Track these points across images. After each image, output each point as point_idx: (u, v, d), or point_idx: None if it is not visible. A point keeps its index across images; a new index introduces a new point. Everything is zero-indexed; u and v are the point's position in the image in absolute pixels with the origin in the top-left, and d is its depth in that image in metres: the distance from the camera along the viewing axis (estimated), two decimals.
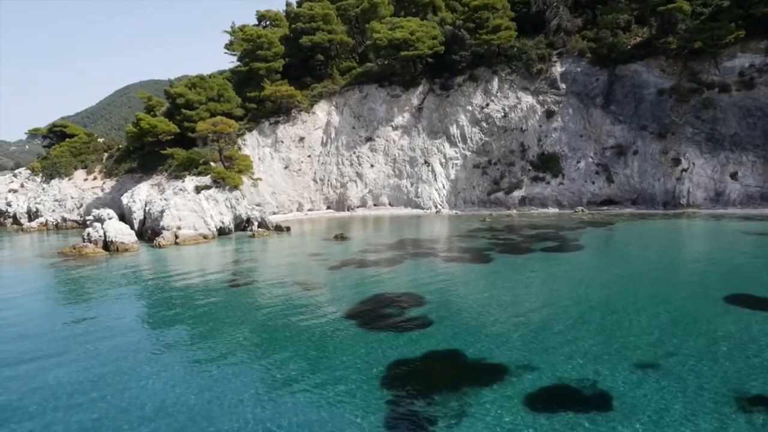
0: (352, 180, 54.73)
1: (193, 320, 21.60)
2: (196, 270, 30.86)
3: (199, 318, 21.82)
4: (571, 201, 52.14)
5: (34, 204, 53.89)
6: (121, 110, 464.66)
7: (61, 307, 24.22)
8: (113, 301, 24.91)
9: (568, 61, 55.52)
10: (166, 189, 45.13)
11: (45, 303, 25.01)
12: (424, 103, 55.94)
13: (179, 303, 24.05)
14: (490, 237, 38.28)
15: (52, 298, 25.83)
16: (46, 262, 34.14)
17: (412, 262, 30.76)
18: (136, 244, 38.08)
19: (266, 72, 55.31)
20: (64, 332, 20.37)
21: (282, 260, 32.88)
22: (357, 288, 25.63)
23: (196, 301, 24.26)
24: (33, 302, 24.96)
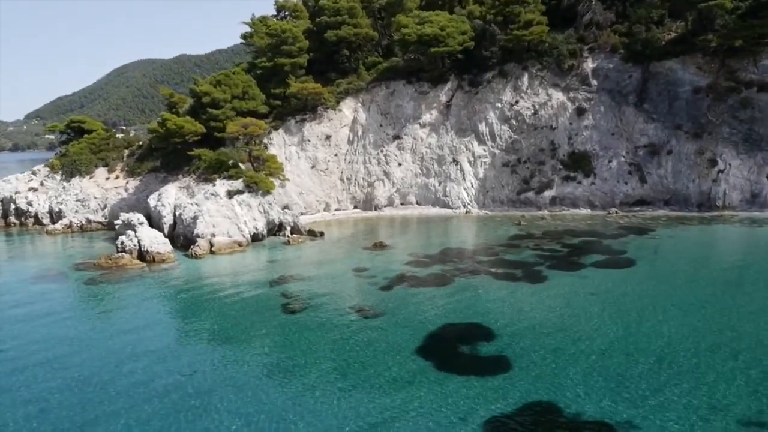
0: (379, 179, 53.78)
1: (268, 359, 20.91)
2: (244, 289, 30.11)
3: (272, 356, 21.13)
4: (603, 201, 51.34)
5: (55, 204, 52.84)
6: (118, 90, 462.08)
7: (124, 341, 23.49)
8: (175, 333, 24.20)
9: (599, 57, 54.19)
10: (195, 192, 44.19)
11: (102, 333, 24.28)
12: (452, 100, 54.71)
13: (244, 338, 23.32)
14: (534, 247, 37.57)
15: (109, 329, 25.07)
16: (85, 276, 33.34)
17: (465, 282, 30.06)
18: (172, 254, 37.30)
19: (291, 68, 53.92)
20: (131, 378, 19.72)
21: (327, 276, 32.12)
22: (418, 316, 24.99)
23: (261, 335, 23.56)
24: (90, 334, 24.24)
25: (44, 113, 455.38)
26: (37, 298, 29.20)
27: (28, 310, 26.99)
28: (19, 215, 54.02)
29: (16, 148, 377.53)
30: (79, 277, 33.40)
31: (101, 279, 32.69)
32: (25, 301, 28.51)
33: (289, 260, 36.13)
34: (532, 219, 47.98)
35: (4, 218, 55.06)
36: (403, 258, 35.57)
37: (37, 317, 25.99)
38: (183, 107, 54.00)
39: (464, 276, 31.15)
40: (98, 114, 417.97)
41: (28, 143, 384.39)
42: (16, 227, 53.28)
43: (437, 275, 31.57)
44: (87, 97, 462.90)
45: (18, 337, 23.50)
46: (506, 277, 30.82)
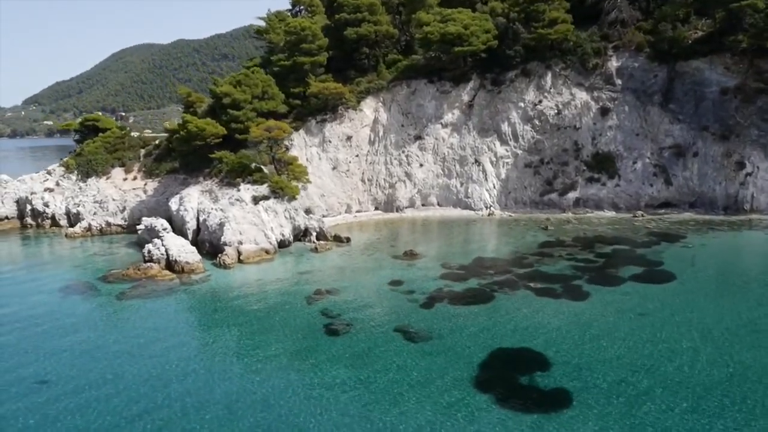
0: (401, 180, 53.13)
1: (319, 390, 20.44)
2: (282, 306, 29.64)
3: (324, 385, 20.62)
4: (627, 203, 50.84)
5: (73, 205, 52.11)
6: (117, 75, 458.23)
7: (167, 367, 23.01)
8: (220, 358, 23.66)
9: (624, 56, 53.32)
10: (219, 197, 43.49)
11: (144, 359, 23.81)
12: (474, 100, 53.85)
13: (292, 365, 22.83)
14: (567, 257, 37.12)
15: (149, 353, 24.58)
16: (116, 289, 32.79)
17: (505, 298, 29.63)
18: (201, 264, 36.72)
19: (310, 66, 52.94)
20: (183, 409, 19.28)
21: (363, 291, 31.63)
22: (467, 340, 24.56)
23: (312, 362, 23.04)
24: (132, 361, 23.76)
25: (42, 99, 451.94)
26: (71, 317, 28.57)
27: (67, 338, 26.28)
28: (35, 216, 53.33)
29: (15, 135, 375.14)
30: (110, 290, 32.83)
31: (133, 293, 32.14)
32: (62, 323, 27.73)
33: (320, 271, 35.59)
34: (557, 223, 47.46)
35: (20, 219, 54.42)
36: (437, 269, 35.08)
37: (76, 343, 25.40)
38: (201, 107, 53.05)
39: (503, 291, 30.69)
40: (97, 100, 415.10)
41: (26, 129, 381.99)
42: (33, 229, 52.64)
43: (476, 290, 31.10)
44: (85, 82, 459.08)
45: (61, 369, 22.93)
46: (546, 292, 30.36)
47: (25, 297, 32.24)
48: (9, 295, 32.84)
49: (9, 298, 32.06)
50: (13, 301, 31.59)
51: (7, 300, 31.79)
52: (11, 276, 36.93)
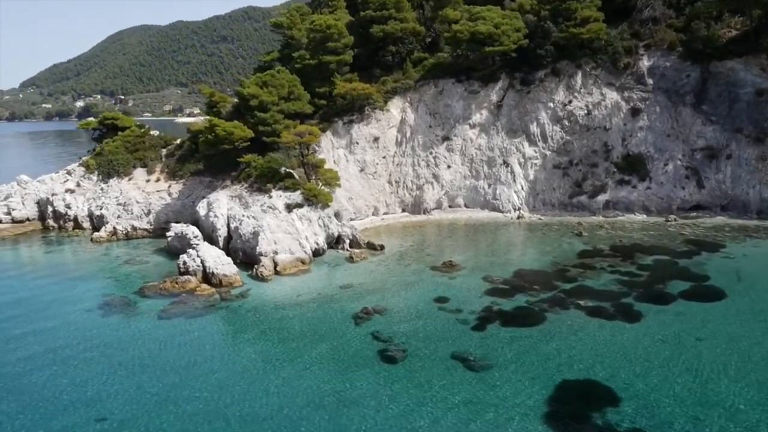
0: (428, 182, 52.39)
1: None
2: (330, 326, 29.21)
3: (395, 424, 20.24)
4: (659, 207, 50.22)
5: (95, 207, 51.32)
6: (115, 58, 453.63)
7: (224, 403, 22.55)
8: (275, 389, 23.12)
9: (656, 55, 52.29)
10: (250, 203, 42.77)
11: (197, 391, 23.33)
12: (503, 100, 52.89)
13: (356, 398, 22.31)
14: (609, 268, 36.62)
15: (201, 386, 24.10)
16: (155, 306, 32.24)
17: (557, 320, 29.16)
18: (238, 276, 36.18)
19: (336, 65, 51.85)
20: None
21: (410, 309, 31.10)
22: (528, 369, 24.14)
23: (373, 395, 22.54)
24: (184, 393, 23.29)
25: (40, 81, 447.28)
26: (115, 340, 28.00)
27: (116, 366, 25.87)
28: (57, 218, 52.61)
29: (13, 118, 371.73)
30: (149, 307, 32.29)
31: (174, 310, 31.61)
32: (107, 348, 27.16)
33: (360, 285, 35.00)
34: (590, 228, 46.83)
35: (41, 220, 53.73)
36: (480, 284, 34.58)
37: (126, 374, 24.89)
38: (225, 107, 51.99)
39: (553, 311, 30.21)
40: (95, 83, 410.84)
41: (25, 112, 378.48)
42: (55, 231, 51.96)
43: (525, 309, 30.64)
44: (83, 65, 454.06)
45: (117, 405, 22.49)
46: (598, 312, 29.88)
47: (65, 315, 31.69)
48: (47, 312, 32.30)
49: (48, 317, 31.50)
50: (53, 319, 31.04)
51: (47, 318, 31.27)
52: (45, 288, 36.34)
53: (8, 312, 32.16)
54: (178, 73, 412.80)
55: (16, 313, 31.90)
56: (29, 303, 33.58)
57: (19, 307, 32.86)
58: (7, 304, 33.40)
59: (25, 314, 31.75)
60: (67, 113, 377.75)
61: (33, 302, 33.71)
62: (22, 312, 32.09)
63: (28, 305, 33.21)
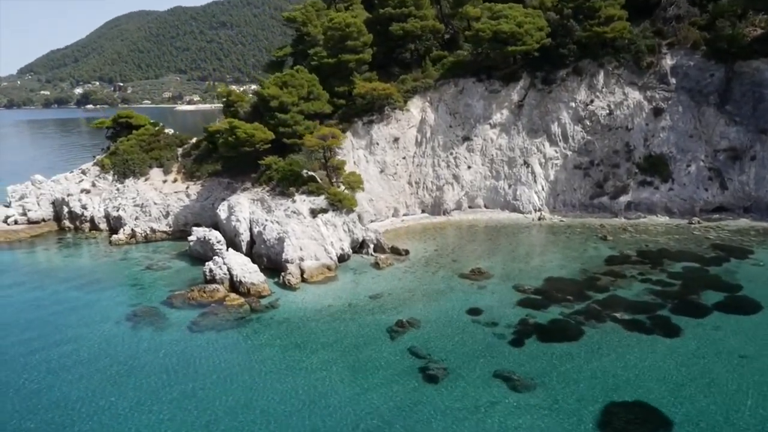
0: (448, 183, 51.88)
1: None
2: (365, 339, 28.95)
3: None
4: (681, 208, 49.80)
5: (112, 208, 50.77)
6: (113, 44, 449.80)
7: None
8: (319, 412, 22.85)
9: (679, 54, 51.56)
10: (272, 207, 42.29)
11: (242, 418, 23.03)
12: (525, 100, 52.21)
13: (405, 425, 22.04)
14: (639, 277, 36.32)
15: (243, 410, 23.79)
16: (185, 317, 31.90)
17: (595, 334, 28.88)
18: (265, 284, 35.80)
19: (356, 64, 51.07)
20: None
21: (444, 322, 30.74)
22: (573, 390, 23.92)
23: (421, 420, 22.27)
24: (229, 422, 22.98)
25: (38, 68, 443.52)
26: (149, 357, 27.63)
27: (154, 387, 25.58)
28: (73, 219, 52.10)
29: (12, 105, 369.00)
30: (179, 319, 31.93)
31: (205, 323, 31.23)
32: (142, 366, 26.76)
33: (390, 295, 34.63)
34: (614, 231, 46.47)
35: (56, 221, 53.19)
36: (511, 293, 34.27)
37: (166, 396, 24.58)
38: (243, 107, 51.18)
39: (590, 324, 29.93)
40: (93, 69, 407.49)
41: (23, 99, 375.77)
42: (71, 232, 51.45)
43: (561, 323, 30.36)
44: (81, 51, 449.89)
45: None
46: (635, 326, 29.60)
47: (93, 327, 31.33)
48: (74, 323, 31.92)
49: (76, 329, 31.15)
50: (82, 332, 30.69)
51: (75, 330, 30.93)
52: (70, 298, 35.91)
53: (35, 325, 31.77)
54: (177, 60, 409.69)
55: (42, 327, 31.51)
56: (55, 315, 33.09)
57: (45, 320, 32.42)
58: (33, 317, 32.93)
59: (52, 328, 31.34)
60: (66, 100, 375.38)
61: (59, 314, 33.22)
62: (48, 325, 31.68)
63: (55, 317, 32.75)
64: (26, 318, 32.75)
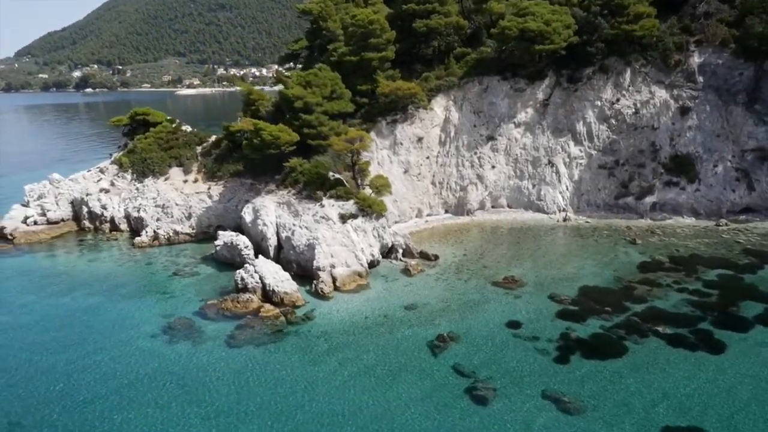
0: (472, 183, 51.34)
1: None
2: (403, 357, 28.66)
3: None
4: (707, 209, 49.41)
5: (132, 208, 50.18)
6: (111, 26, 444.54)
7: None
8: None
9: (707, 52, 50.75)
10: (299, 212, 41.76)
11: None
12: (550, 98, 51.45)
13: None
14: (674, 285, 36.07)
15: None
16: (221, 330, 31.55)
17: (639, 350, 28.66)
18: (298, 293, 35.45)
19: (378, 63, 50.18)
20: None
21: (484, 336, 30.46)
22: (625, 412, 23.80)
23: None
24: None
25: (35, 50, 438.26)
26: (189, 378, 27.18)
27: (203, 413, 25.33)
28: (93, 219, 51.52)
29: (10, 88, 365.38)
30: (215, 332, 31.57)
31: (242, 336, 30.88)
32: (187, 391, 26.38)
33: (425, 305, 34.27)
34: (641, 233, 46.08)
35: (75, 221, 52.61)
36: (547, 304, 33.99)
37: (219, 423, 24.35)
38: (264, 105, 50.32)
39: (633, 339, 29.66)
40: (92, 52, 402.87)
41: (21, 83, 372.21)
42: (91, 232, 50.90)
43: (603, 337, 30.10)
44: (78, 33, 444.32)
45: None
46: (678, 341, 29.36)
47: (130, 341, 30.96)
48: (109, 337, 31.53)
49: (112, 343, 30.73)
50: (119, 347, 30.31)
51: (111, 346, 30.52)
52: (100, 307, 35.55)
53: (69, 339, 31.33)
54: (175, 43, 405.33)
55: (77, 342, 31.04)
56: (89, 328, 32.70)
57: (78, 333, 31.97)
58: (66, 329, 32.50)
59: (87, 343, 30.92)
60: (65, 84, 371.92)
61: (92, 326, 32.84)
62: (83, 340, 31.24)
63: (89, 331, 32.34)
64: (59, 331, 32.36)
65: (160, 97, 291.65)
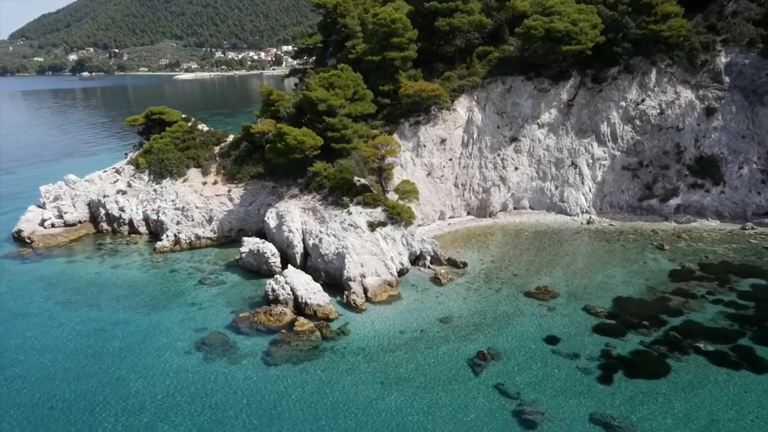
0: (495, 185, 50.79)
1: None
2: (443, 375, 28.42)
3: None
4: (732, 212, 49.03)
5: (151, 211, 49.54)
6: (106, 8, 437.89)
7: None
8: None
9: (734, 51, 50.00)
10: (326, 218, 41.25)
11: None
12: (574, 99, 50.71)
13: None
14: (708, 295, 35.84)
15: None
16: (256, 346, 31.26)
17: (682, 369, 28.48)
18: (331, 305, 35.10)
19: (401, 62, 49.29)
20: None
21: (526, 354, 30.22)
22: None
23: None
24: None
25: (29, 33, 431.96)
26: (233, 401, 26.86)
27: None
28: (111, 221, 50.94)
29: (5, 72, 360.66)
30: (251, 348, 31.24)
31: (279, 354, 30.55)
32: (230, 416, 26.29)
33: (459, 318, 33.98)
34: (669, 238, 45.70)
35: (92, 222, 52.02)
36: (583, 317, 33.74)
37: None
38: (284, 106, 49.39)
39: (674, 356, 29.47)
40: (87, 35, 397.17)
41: (16, 66, 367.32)
42: (109, 235, 50.33)
43: (644, 354, 29.88)
44: (73, 15, 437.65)
45: None
46: (720, 359, 29.14)
47: (163, 358, 30.67)
48: (141, 353, 31.25)
49: (145, 360, 30.42)
50: (152, 364, 30.03)
51: (144, 362, 30.21)
52: (128, 319, 35.16)
53: (100, 354, 31.10)
54: (172, 25, 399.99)
55: (108, 357, 30.82)
56: (119, 342, 32.40)
57: (109, 348, 31.68)
58: (96, 344, 32.15)
59: (119, 358, 30.66)
60: (60, 67, 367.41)
61: (123, 340, 32.51)
62: (114, 355, 31.00)
63: (119, 344, 32.09)
64: (91, 348, 31.93)
65: (158, 82, 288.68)
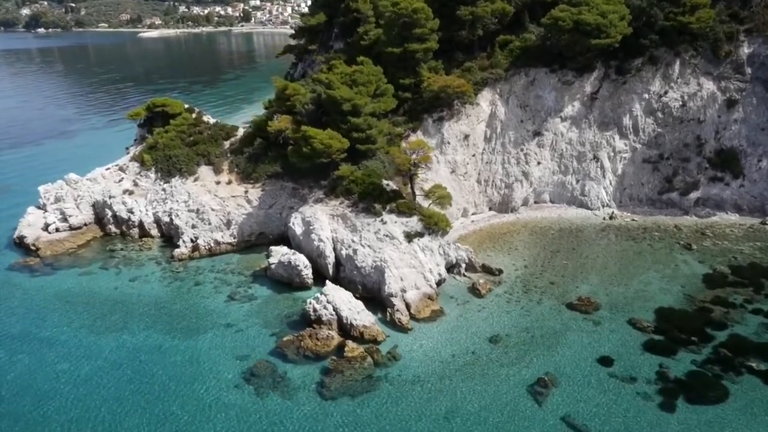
0: (517, 180, 49.98)
1: None
2: (507, 406, 28.24)
3: None
4: (751, 206, 49.50)
5: (163, 213, 47.20)
6: None
7: None
8: None
9: (757, 42, 49.45)
10: (358, 227, 39.96)
11: None
12: (598, 92, 49.63)
13: None
14: (746, 304, 36.53)
15: None
16: (307, 377, 30.45)
17: (738, 391, 29.03)
18: (376, 325, 34.31)
19: (423, 54, 47.22)
20: None
21: (583, 380, 30.13)
22: None
23: None
24: None
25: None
26: None
27: None
28: (119, 223, 48.47)
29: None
30: (302, 379, 30.40)
31: (334, 386, 29.72)
32: None
33: (508, 336, 33.67)
34: (693, 236, 45.93)
35: (98, 223, 49.48)
36: (630, 333, 33.87)
37: None
38: (300, 101, 46.81)
39: (729, 378, 29.94)
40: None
41: None
42: (118, 239, 47.93)
43: (699, 375, 30.23)
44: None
45: None
46: None
47: (212, 393, 29.61)
48: (186, 386, 30.05)
49: (193, 402, 29.02)
50: (200, 403, 28.81)
51: (191, 401, 29.00)
52: (163, 344, 33.72)
53: (143, 388, 29.85)
54: None
55: (153, 392, 29.60)
56: (160, 373, 31.07)
57: (150, 386, 30.13)
58: (135, 382, 30.50)
59: (165, 393, 29.53)
60: (13, 22, 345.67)
61: (163, 374, 30.98)
62: (159, 388, 29.84)
63: (161, 376, 30.84)
64: (127, 378, 30.72)
65: (121, 41, 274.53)
